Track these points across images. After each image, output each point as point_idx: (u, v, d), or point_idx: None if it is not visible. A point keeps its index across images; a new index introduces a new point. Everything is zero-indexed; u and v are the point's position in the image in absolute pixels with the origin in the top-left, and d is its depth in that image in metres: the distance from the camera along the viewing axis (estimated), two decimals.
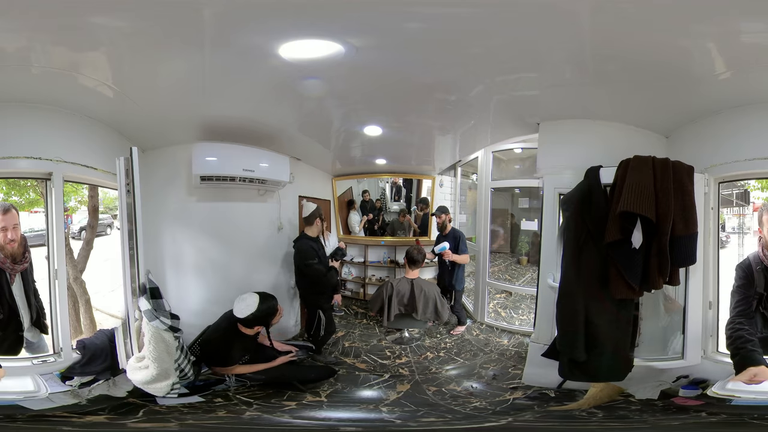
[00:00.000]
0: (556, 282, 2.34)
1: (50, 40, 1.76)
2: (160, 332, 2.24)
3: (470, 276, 3.55)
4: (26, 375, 2.07)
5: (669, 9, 1.57)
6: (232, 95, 2.36)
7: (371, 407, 2.34)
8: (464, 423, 2.15)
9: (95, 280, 2.41)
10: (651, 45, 1.79)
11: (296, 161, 3.20)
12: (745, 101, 2.11)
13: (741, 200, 2.33)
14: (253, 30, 1.75)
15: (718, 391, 2.12)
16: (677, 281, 2.10)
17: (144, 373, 2.23)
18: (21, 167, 2.09)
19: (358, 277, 3.73)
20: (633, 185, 1.99)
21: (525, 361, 2.61)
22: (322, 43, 1.82)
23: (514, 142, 3.13)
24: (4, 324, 2.10)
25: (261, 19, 1.67)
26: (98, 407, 2.08)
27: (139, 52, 1.84)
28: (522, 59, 2.02)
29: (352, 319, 3.48)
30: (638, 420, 2.07)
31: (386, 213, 3.66)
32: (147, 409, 2.13)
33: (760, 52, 1.80)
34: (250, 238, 3.03)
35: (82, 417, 2.00)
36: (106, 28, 1.68)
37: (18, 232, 2.10)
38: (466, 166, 3.58)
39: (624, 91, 2.18)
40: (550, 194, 2.50)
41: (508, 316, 3.27)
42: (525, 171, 3.22)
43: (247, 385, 2.44)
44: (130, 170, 2.27)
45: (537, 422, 2.14)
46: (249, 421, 2.14)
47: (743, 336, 2.03)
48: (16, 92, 2.05)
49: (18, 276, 2.11)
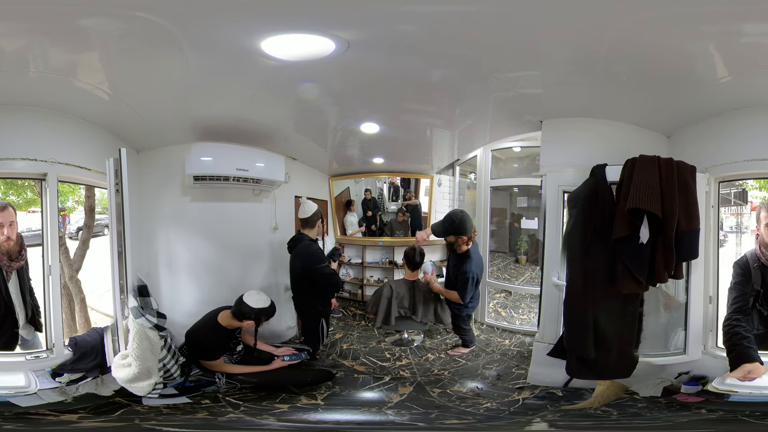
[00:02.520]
0: (560, 280, 2.35)
1: (47, 43, 1.79)
2: (145, 330, 2.24)
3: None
4: (19, 371, 2.12)
5: (674, 12, 1.59)
6: (226, 95, 2.35)
7: (374, 410, 2.29)
8: (487, 423, 2.13)
9: (91, 280, 2.44)
10: (657, 47, 1.83)
11: (292, 161, 3.15)
12: (745, 104, 2.18)
13: (739, 199, 2.39)
14: (244, 28, 1.73)
15: (718, 386, 2.17)
16: (681, 275, 2.17)
17: (126, 371, 2.21)
18: (18, 168, 2.17)
19: (356, 279, 3.67)
20: (641, 183, 2.04)
21: (527, 361, 2.61)
22: (317, 39, 1.80)
23: (513, 141, 3.13)
24: (0, 321, 2.14)
25: (251, 16, 1.65)
26: (81, 405, 2.08)
27: (129, 54, 1.87)
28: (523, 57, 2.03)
29: (350, 320, 3.42)
30: (650, 417, 2.09)
31: (384, 213, 3.61)
32: (126, 410, 2.11)
33: (761, 56, 1.85)
34: (245, 238, 2.97)
35: (58, 416, 1.99)
36: (97, 32, 1.71)
37: (14, 230, 2.15)
38: (464, 165, 3.57)
39: (628, 91, 2.23)
40: (553, 192, 2.50)
41: (509, 316, 3.27)
42: (524, 170, 3.23)
43: (237, 387, 2.41)
44: (119, 170, 2.28)
45: (562, 420, 2.12)
46: (224, 424, 2.09)
47: (739, 333, 2.09)
48: (13, 95, 2.11)
49: (14, 274, 2.16)
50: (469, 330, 2.91)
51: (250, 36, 1.76)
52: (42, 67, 1.96)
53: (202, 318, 2.50)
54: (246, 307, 2.41)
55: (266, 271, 3.05)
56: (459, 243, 2.71)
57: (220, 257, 2.82)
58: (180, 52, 1.84)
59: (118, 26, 1.68)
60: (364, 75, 2.19)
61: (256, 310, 2.42)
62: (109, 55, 1.90)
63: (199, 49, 1.85)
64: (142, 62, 1.93)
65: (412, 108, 2.69)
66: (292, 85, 2.26)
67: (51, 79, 2.01)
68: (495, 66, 2.14)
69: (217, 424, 2.08)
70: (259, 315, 2.44)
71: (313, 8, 1.63)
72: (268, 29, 1.72)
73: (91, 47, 1.83)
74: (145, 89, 2.19)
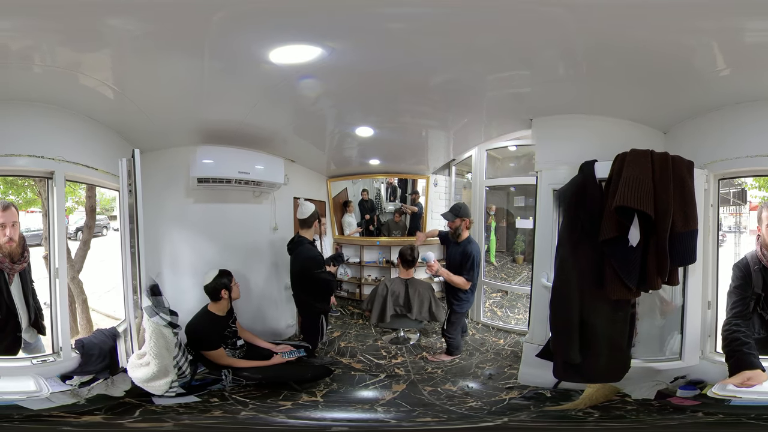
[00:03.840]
0: (549, 282, 2.30)
1: (57, 40, 1.78)
2: (160, 328, 2.26)
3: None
4: (25, 374, 2.09)
5: (669, 4, 1.55)
6: (228, 99, 2.39)
7: (367, 407, 2.34)
8: (459, 423, 2.14)
9: (92, 281, 2.44)
10: (651, 41, 1.77)
11: (291, 163, 3.21)
12: (747, 98, 2.08)
13: (738, 199, 2.28)
14: (247, 35, 1.78)
15: (719, 392, 2.09)
16: (676, 281, 2.04)
17: (144, 371, 2.26)
18: (20, 165, 2.09)
19: (354, 278, 3.73)
20: (630, 179, 1.90)
21: (521, 361, 2.59)
22: (311, 48, 1.85)
23: (509, 140, 3.10)
24: (2, 325, 2.09)
25: (254, 24, 1.70)
26: (95, 407, 2.09)
27: (141, 54, 1.88)
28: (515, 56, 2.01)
29: (348, 319, 3.48)
30: (635, 420, 2.05)
31: (381, 213, 3.65)
32: (143, 409, 2.15)
33: (762, 50, 1.76)
34: (246, 238, 3.06)
35: (79, 417, 2.02)
36: (116, 30, 1.71)
37: (17, 231, 2.10)
38: (460, 164, 3.56)
39: (622, 86, 2.16)
40: (544, 190, 2.47)
41: (504, 315, 3.25)
42: (520, 169, 3.19)
43: (242, 385, 2.46)
44: (132, 171, 2.29)
45: (532, 422, 2.13)
46: (244, 421, 2.15)
47: (739, 338, 2.00)
48: (19, 90, 2.06)
49: (16, 276, 2.11)
50: (456, 338, 2.89)
51: (254, 43, 1.82)
52: (50, 62, 1.91)
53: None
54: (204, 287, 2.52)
55: (267, 270, 3.14)
56: (462, 227, 2.84)
57: (223, 257, 2.88)
58: (193, 57, 1.89)
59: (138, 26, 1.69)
60: (358, 79, 2.22)
61: (209, 286, 2.53)
62: (121, 53, 1.89)
63: (213, 55, 1.89)
64: (153, 62, 1.95)
65: (407, 109, 2.70)
66: (292, 90, 2.30)
67: (58, 75, 1.97)
68: (489, 66, 2.12)
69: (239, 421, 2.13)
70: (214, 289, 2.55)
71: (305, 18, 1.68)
72: (272, 38, 1.78)
73: (104, 45, 1.83)
74: (152, 89, 2.20)
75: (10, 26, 1.66)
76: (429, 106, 2.67)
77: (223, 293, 2.54)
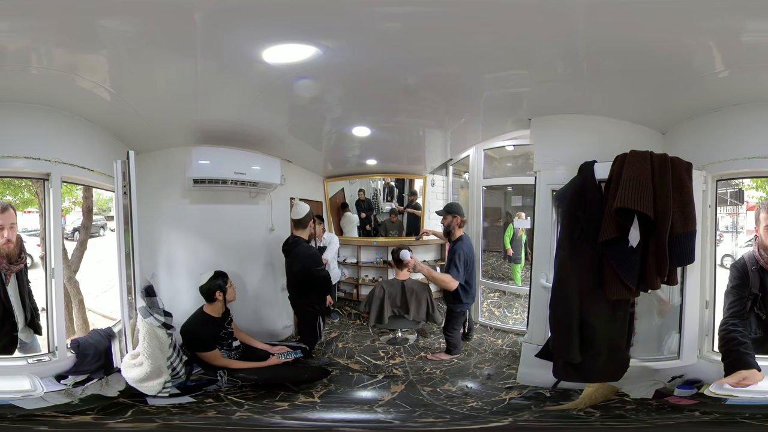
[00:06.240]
0: (549, 282, 2.31)
1: (53, 41, 1.79)
2: (154, 329, 2.28)
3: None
4: (20, 374, 2.10)
5: (668, 6, 1.54)
6: (224, 99, 2.39)
7: (366, 408, 2.33)
8: (464, 423, 2.14)
9: (88, 281, 2.45)
10: (650, 42, 1.78)
11: (287, 163, 3.20)
12: (745, 99, 2.09)
13: (735, 199, 2.29)
14: (240, 35, 1.78)
15: (716, 391, 2.10)
16: (675, 281, 2.07)
17: (138, 371, 2.26)
18: (16, 167, 2.11)
19: (351, 278, 3.72)
20: (630, 180, 1.93)
21: (519, 360, 2.59)
22: (306, 47, 1.85)
23: (507, 140, 3.09)
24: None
25: (247, 24, 1.69)
26: (88, 407, 2.10)
27: (136, 55, 1.88)
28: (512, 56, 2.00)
29: (345, 320, 3.47)
30: (635, 419, 2.05)
31: (379, 214, 3.64)
32: (136, 410, 2.14)
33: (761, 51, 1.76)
34: (242, 239, 3.04)
35: (70, 417, 2.02)
36: (111, 31, 1.72)
37: (15, 232, 2.12)
38: (457, 164, 3.55)
39: (621, 86, 2.17)
40: (542, 191, 2.47)
41: (502, 315, 3.25)
42: (518, 169, 3.18)
43: (238, 385, 2.45)
44: (126, 173, 2.30)
45: (537, 422, 2.12)
46: (237, 422, 2.15)
47: (736, 338, 2.01)
48: (15, 92, 2.07)
49: (13, 277, 2.13)
50: (456, 335, 2.89)
51: (249, 44, 1.82)
52: (46, 64, 1.93)
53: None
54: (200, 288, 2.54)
55: (263, 271, 3.12)
56: (453, 224, 2.86)
57: (219, 258, 2.87)
58: (188, 57, 1.89)
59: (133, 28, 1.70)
60: (354, 78, 2.21)
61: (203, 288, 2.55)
62: (116, 55, 1.90)
63: (208, 55, 1.89)
64: (148, 64, 1.95)
65: (404, 109, 2.69)
66: (288, 89, 2.30)
67: (54, 76, 1.98)
68: (486, 65, 2.11)
69: (233, 422, 2.13)
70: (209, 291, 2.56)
71: (301, 18, 1.67)
72: (267, 38, 1.78)
73: (100, 46, 1.84)
74: (148, 91, 2.21)
75: (7, 27, 1.66)
76: (426, 106, 2.66)
77: (217, 295, 2.53)
